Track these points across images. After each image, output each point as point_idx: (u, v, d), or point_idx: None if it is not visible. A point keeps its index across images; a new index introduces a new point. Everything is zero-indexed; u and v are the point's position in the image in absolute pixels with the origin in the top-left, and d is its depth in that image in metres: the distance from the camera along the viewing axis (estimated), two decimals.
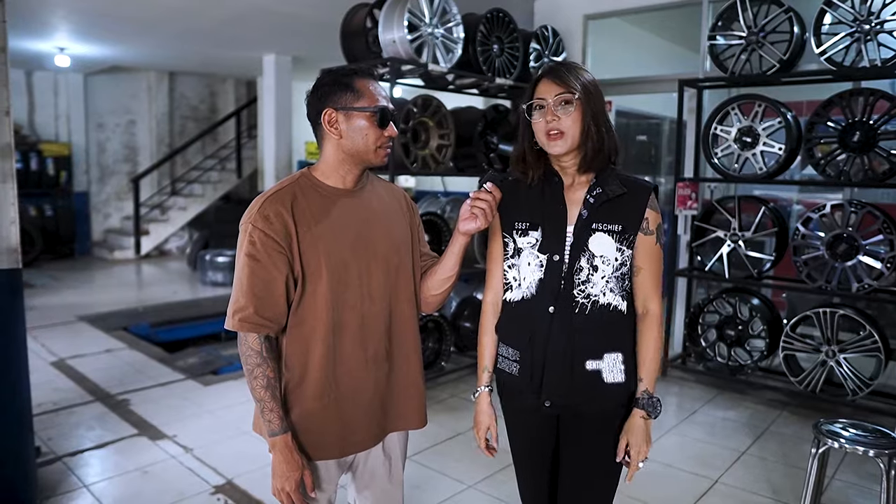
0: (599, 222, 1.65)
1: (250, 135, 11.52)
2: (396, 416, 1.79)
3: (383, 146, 1.66)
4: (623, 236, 1.65)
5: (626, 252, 1.66)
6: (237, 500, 3.06)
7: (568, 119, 1.61)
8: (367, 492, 1.86)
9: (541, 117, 1.64)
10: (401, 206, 1.83)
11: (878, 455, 2.34)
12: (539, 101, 1.64)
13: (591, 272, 1.65)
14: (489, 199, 1.64)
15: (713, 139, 4.51)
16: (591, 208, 1.66)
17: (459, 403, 4.30)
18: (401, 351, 1.78)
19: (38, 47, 8.14)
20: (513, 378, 1.76)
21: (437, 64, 4.32)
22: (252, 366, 1.60)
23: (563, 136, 1.62)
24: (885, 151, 3.88)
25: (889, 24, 3.85)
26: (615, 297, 1.67)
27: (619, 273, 1.67)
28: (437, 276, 1.79)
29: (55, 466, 3.36)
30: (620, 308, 1.68)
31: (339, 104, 1.62)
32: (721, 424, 4.04)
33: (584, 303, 1.65)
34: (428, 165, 4.45)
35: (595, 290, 1.65)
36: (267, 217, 1.57)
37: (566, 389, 1.68)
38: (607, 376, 1.67)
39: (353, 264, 1.66)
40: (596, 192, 1.67)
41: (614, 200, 1.66)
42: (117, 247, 10.52)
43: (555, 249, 1.67)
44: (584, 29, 5.76)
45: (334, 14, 4.69)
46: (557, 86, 1.62)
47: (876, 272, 3.95)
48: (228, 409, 4.20)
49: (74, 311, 6.71)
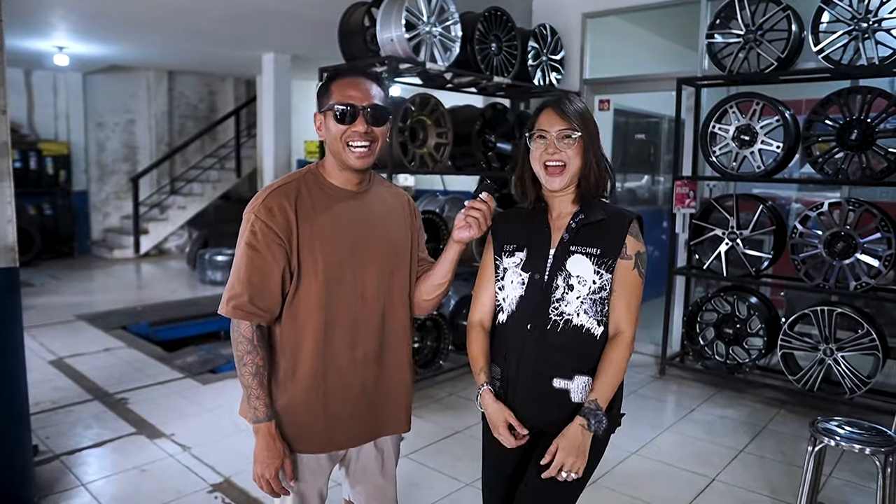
0: (578, 245, 1.69)
1: (249, 134, 11.52)
2: (385, 418, 1.81)
3: (351, 145, 1.63)
4: (601, 260, 1.67)
5: (605, 276, 1.67)
6: (235, 498, 3.07)
7: (569, 151, 1.66)
8: (360, 487, 1.87)
9: (540, 148, 1.68)
10: (403, 209, 1.84)
11: (874, 453, 2.34)
12: (541, 132, 1.68)
13: (567, 291, 1.67)
14: (484, 208, 1.65)
15: (711, 137, 4.51)
16: (571, 232, 1.70)
17: (457, 402, 4.30)
18: (392, 354, 1.79)
19: (37, 46, 8.13)
20: (499, 397, 1.73)
21: (435, 62, 4.32)
22: (242, 352, 1.63)
23: (563, 171, 1.66)
24: (883, 149, 3.88)
25: (887, 22, 3.85)
26: (589, 319, 1.68)
27: (598, 297, 1.67)
28: (430, 282, 1.81)
29: (53, 465, 3.36)
30: (594, 332, 1.68)
31: (320, 106, 1.68)
32: (719, 423, 4.04)
33: (556, 320, 1.67)
34: (426, 164, 4.45)
35: (569, 308, 1.67)
36: (270, 209, 1.60)
37: (531, 403, 1.69)
38: (575, 396, 1.67)
39: (349, 264, 1.67)
40: (579, 219, 1.71)
41: (594, 225, 1.70)
42: (117, 246, 10.52)
43: (536, 268, 1.70)
44: (583, 27, 5.75)
45: (333, 13, 4.68)
46: (561, 120, 1.66)
47: (874, 270, 3.95)
48: (227, 407, 4.20)
49: (73, 310, 6.71)
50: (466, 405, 4.23)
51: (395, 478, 1.91)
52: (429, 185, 8.32)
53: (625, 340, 1.68)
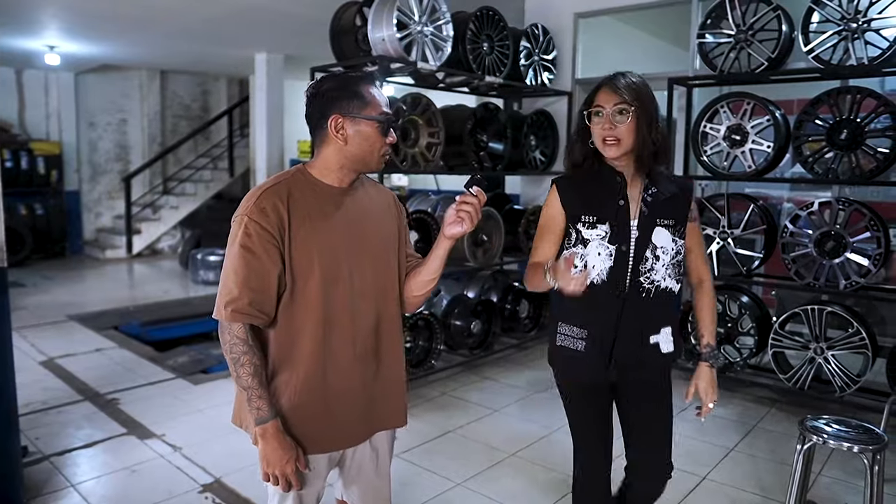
0: (658, 218, 1.91)
1: (242, 133, 11.50)
2: (382, 414, 1.80)
3: (385, 154, 1.70)
4: (676, 229, 1.93)
5: (679, 242, 1.94)
6: (225, 498, 3.06)
7: (623, 127, 1.82)
8: (354, 486, 1.87)
9: (598, 124, 1.85)
10: (389, 206, 1.84)
11: (861, 451, 2.35)
12: (597, 108, 1.86)
13: (654, 261, 1.91)
14: (474, 202, 1.65)
15: (703, 137, 4.52)
16: (650, 206, 1.91)
17: (449, 401, 4.30)
18: (388, 349, 1.79)
19: (28, 45, 8.10)
20: (577, 354, 1.97)
21: (427, 62, 4.32)
22: (238, 354, 1.59)
23: (618, 144, 1.84)
24: (872, 149, 3.90)
25: (876, 22, 3.87)
26: (672, 281, 1.95)
27: (675, 261, 1.94)
28: (419, 278, 1.82)
29: (42, 466, 3.35)
30: (674, 290, 1.96)
31: (346, 111, 1.62)
32: (710, 421, 4.05)
33: (649, 287, 1.92)
34: (417, 164, 4.45)
35: (657, 276, 1.92)
36: (263, 210, 1.57)
37: (635, 361, 1.96)
38: (664, 347, 1.98)
39: (345, 261, 1.67)
40: (652, 191, 1.91)
41: (669, 199, 1.92)
42: (109, 246, 10.48)
43: (622, 241, 1.90)
44: (575, 27, 5.76)
45: (325, 12, 4.68)
46: (615, 95, 1.83)
47: (864, 269, 3.96)
48: (218, 407, 4.19)
49: (65, 311, 6.68)
50: (458, 405, 4.24)
51: (389, 477, 1.91)
52: (422, 185, 8.32)
53: (709, 286, 2.08)
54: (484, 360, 5.12)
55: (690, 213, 1.97)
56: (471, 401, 4.34)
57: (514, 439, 3.70)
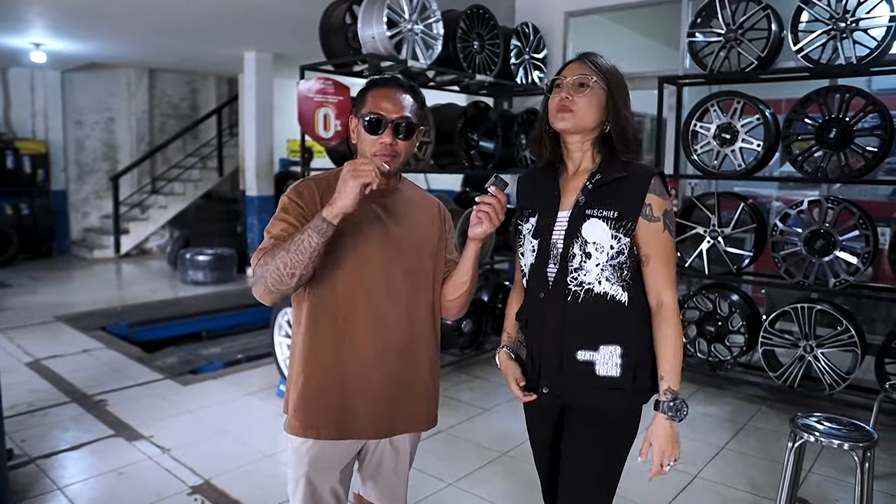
0: (594, 208, 1.62)
1: (231, 132, 11.43)
2: (405, 416, 1.82)
3: (379, 154, 1.69)
4: (619, 223, 1.60)
5: (623, 240, 1.61)
6: (214, 500, 3.03)
7: (581, 100, 1.63)
8: (370, 482, 1.90)
9: (556, 94, 1.67)
10: (432, 213, 1.88)
11: (852, 448, 2.36)
12: (558, 80, 1.68)
13: (584, 259, 1.62)
14: (493, 202, 1.61)
15: (693, 136, 4.53)
16: (588, 194, 1.65)
17: (444, 401, 4.27)
18: (415, 351, 1.80)
19: (14, 43, 8.00)
20: (522, 363, 1.81)
21: (417, 60, 4.30)
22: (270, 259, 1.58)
23: (572, 115, 1.63)
24: (861, 148, 3.92)
25: (864, 21, 3.89)
26: (612, 286, 1.62)
27: (616, 262, 1.61)
28: (453, 281, 1.84)
29: (28, 469, 3.30)
30: (619, 298, 1.63)
31: (355, 111, 1.77)
32: (701, 420, 4.06)
33: (576, 290, 1.63)
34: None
35: (589, 277, 1.62)
36: (301, 192, 1.73)
37: (558, 377, 1.68)
38: (600, 369, 1.64)
39: (375, 258, 1.72)
40: (595, 179, 1.65)
41: (612, 185, 1.63)
42: (97, 246, 10.39)
43: (543, 234, 1.69)
44: (566, 26, 5.76)
45: (315, 10, 4.65)
46: (580, 67, 1.66)
47: (853, 267, 3.98)
48: (207, 408, 4.16)
49: (52, 311, 6.61)
50: (449, 404, 4.22)
51: (406, 478, 1.94)
52: None
53: (670, 310, 1.63)
54: (475, 360, 5.11)
55: (645, 209, 1.60)
56: (462, 400, 4.33)
57: (505, 439, 3.69)
